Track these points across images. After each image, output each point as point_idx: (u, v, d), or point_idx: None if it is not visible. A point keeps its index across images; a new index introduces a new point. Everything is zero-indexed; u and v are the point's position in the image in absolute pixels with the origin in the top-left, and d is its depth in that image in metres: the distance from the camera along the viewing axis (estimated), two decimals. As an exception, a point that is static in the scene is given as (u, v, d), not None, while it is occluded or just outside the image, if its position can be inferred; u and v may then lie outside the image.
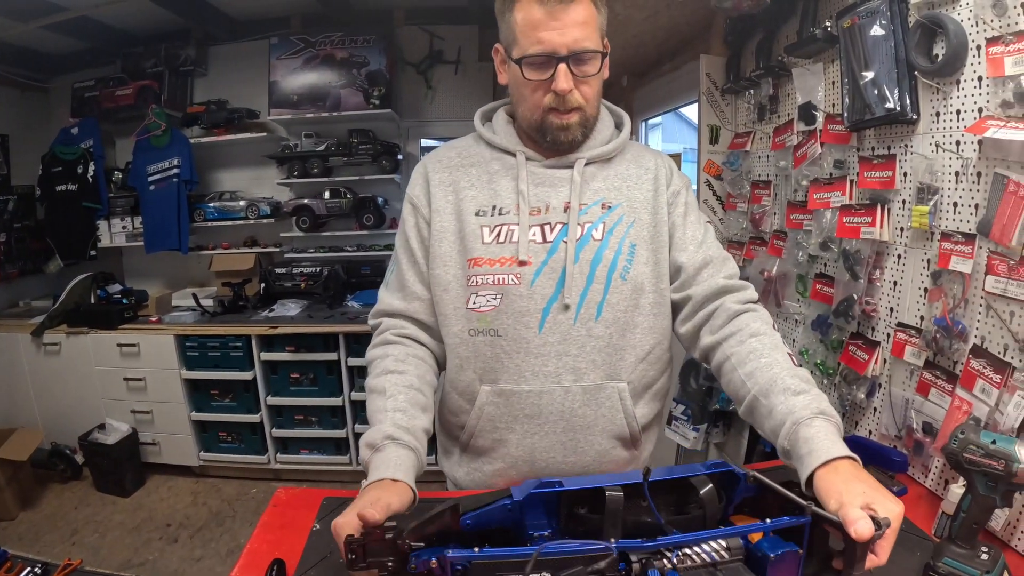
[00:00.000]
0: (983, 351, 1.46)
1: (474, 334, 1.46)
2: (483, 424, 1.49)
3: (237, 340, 4.26)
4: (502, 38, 1.45)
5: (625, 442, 1.52)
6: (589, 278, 1.44)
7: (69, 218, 4.76)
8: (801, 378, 1.27)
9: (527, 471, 1.49)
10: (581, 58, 1.37)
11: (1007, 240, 1.37)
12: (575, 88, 1.39)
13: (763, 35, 2.52)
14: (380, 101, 4.74)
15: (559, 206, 1.47)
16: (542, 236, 1.45)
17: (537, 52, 1.35)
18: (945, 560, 1.12)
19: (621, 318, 1.46)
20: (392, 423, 1.28)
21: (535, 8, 1.33)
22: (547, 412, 1.45)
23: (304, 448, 4.51)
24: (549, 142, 1.47)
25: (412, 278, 1.53)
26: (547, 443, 1.47)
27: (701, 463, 1.18)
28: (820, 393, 1.24)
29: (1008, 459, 1.05)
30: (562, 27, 1.33)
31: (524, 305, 1.43)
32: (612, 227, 1.47)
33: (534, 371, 1.44)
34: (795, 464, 1.15)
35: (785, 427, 1.18)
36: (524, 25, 1.35)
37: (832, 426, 1.16)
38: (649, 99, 4.31)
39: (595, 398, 1.46)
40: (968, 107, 1.52)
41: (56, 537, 3.73)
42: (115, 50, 4.92)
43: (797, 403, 1.20)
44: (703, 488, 1.12)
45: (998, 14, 1.39)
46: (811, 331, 2.22)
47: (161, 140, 4.64)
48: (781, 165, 2.43)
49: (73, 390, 4.40)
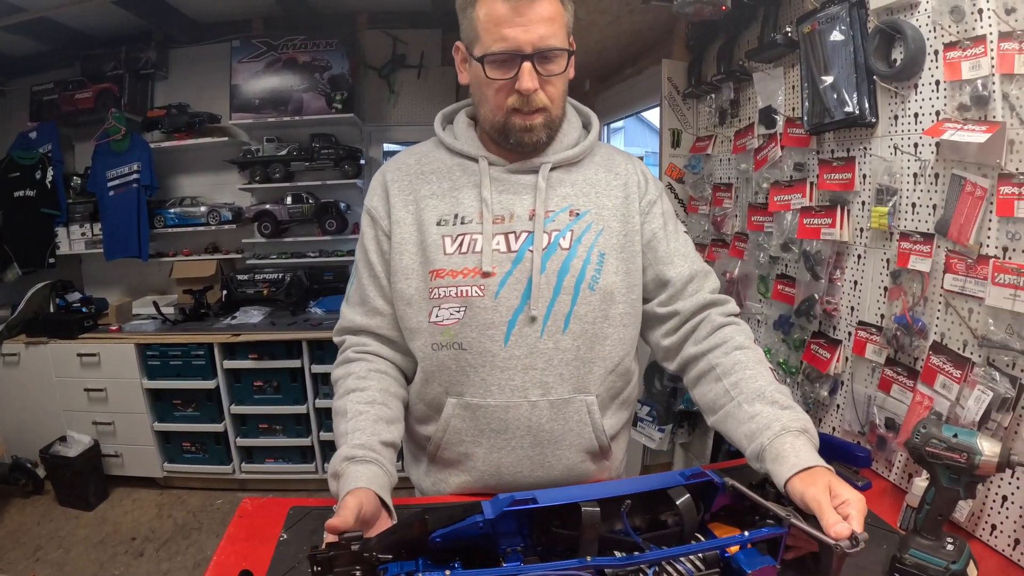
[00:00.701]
0: (943, 347, 1.49)
1: (437, 348, 1.41)
2: (449, 437, 1.45)
3: (199, 348, 4.18)
4: (463, 35, 1.38)
5: (594, 455, 1.47)
6: (556, 289, 1.38)
7: (27, 225, 4.63)
8: (785, 395, 1.29)
9: (494, 485, 1.43)
10: (547, 56, 1.30)
11: (964, 239, 1.41)
12: (540, 88, 1.32)
13: (724, 40, 2.56)
14: (342, 105, 4.71)
15: (524, 214, 1.41)
16: (507, 245, 1.39)
17: (500, 50, 1.29)
18: (911, 552, 1.14)
19: (589, 330, 1.41)
20: (349, 445, 1.26)
21: (499, 4, 1.26)
22: (514, 427, 1.40)
23: (269, 457, 4.44)
24: (512, 144, 1.40)
25: (373, 293, 1.48)
26: (514, 458, 1.43)
27: (679, 471, 1.16)
28: (805, 413, 1.26)
29: (970, 452, 1.08)
30: (527, 23, 1.26)
31: (489, 318, 1.37)
32: (580, 235, 1.41)
33: (500, 385, 1.39)
34: (771, 466, 1.16)
35: (771, 431, 1.20)
36: (487, 21, 1.29)
37: (813, 446, 1.19)
38: (611, 103, 4.34)
39: (563, 412, 1.41)
40: (926, 110, 1.56)
41: (19, 554, 3.63)
42: (74, 52, 4.80)
43: (785, 416, 1.22)
44: (680, 499, 1.10)
45: (955, 20, 1.43)
46: (773, 331, 2.25)
47: (121, 145, 4.55)
48: (742, 168, 2.46)
49: (33, 401, 4.29)
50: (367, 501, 1.12)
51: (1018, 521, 1.29)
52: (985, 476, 1.10)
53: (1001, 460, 1.07)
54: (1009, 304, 1.29)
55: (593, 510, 1.04)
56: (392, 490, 1.25)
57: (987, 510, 1.36)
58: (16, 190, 4.60)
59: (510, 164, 1.44)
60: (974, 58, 1.38)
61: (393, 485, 1.26)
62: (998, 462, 1.07)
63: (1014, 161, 1.32)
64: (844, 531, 0.97)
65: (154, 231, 4.76)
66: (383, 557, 0.97)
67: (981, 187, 1.37)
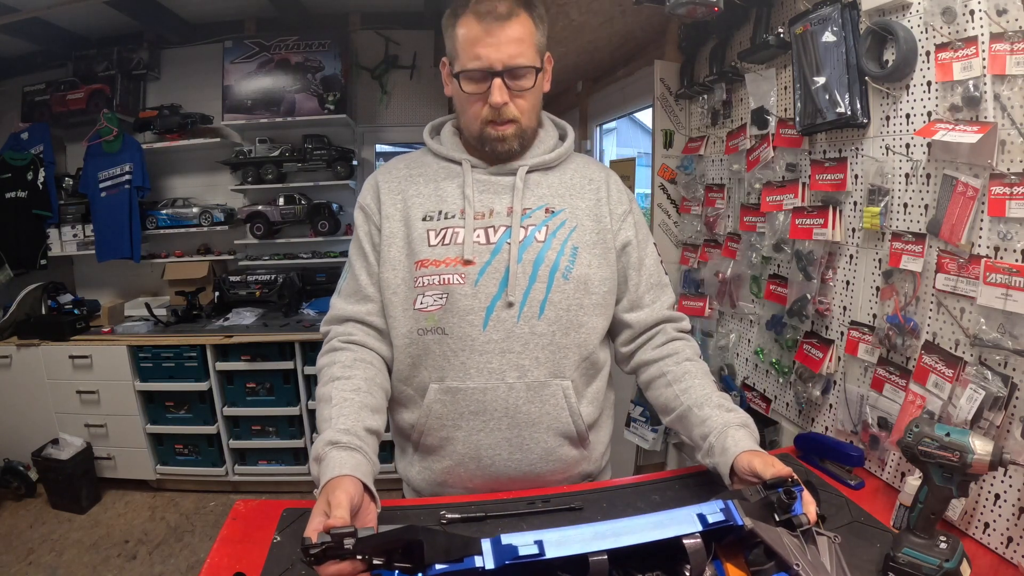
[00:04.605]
0: (935, 347, 1.50)
1: (422, 333, 1.50)
2: (431, 422, 1.51)
3: (192, 350, 4.17)
4: (447, 52, 1.52)
5: (572, 440, 1.55)
6: (532, 277, 1.48)
7: (19, 226, 4.61)
8: (728, 400, 1.47)
9: (474, 468, 1.51)
10: (516, 73, 1.44)
11: (956, 239, 1.41)
12: (510, 101, 1.46)
13: (717, 41, 2.56)
14: (335, 106, 4.70)
15: (503, 211, 1.53)
16: (486, 238, 1.50)
17: (474, 67, 1.43)
18: (905, 551, 1.15)
19: (564, 316, 1.50)
20: (334, 429, 1.32)
21: (474, 25, 1.41)
22: (491, 409, 1.48)
23: (262, 459, 4.43)
24: (488, 151, 1.53)
25: (366, 280, 1.57)
26: (492, 440, 1.49)
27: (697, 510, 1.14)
28: (746, 414, 1.44)
29: (962, 451, 1.08)
30: (498, 44, 1.40)
31: (468, 304, 1.46)
32: (555, 230, 1.52)
33: (479, 368, 1.47)
34: (718, 457, 1.34)
35: (717, 430, 1.37)
36: (463, 41, 1.43)
37: (754, 439, 1.37)
38: (604, 104, 4.35)
39: (539, 395, 1.49)
40: (918, 111, 1.57)
41: (12, 558, 3.62)
42: (66, 53, 4.79)
43: (729, 417, 1.40)
44: (693, 549, 1.08)
45: (947, 21, 1.43)
46: (766, 331, 2.26)
47: (113, 146, 4.53)
48: (734, 169, 2.47)
49: (25, 404, 4.27)
50: (355, 492, 1.17)
51: (1011, 519, 1.30)
52: (978, 475, 1.10)
53: (993, 459, 1.07)
54: (1001, 303, 1.30)
55: (601, 559, 1.03)
56: (374, 478, 1.29)
57: (980, 508, 1.37)
58: (7, 191, 4.58)
59: (491, 167, 1.57)
60: (966, 59, 1.38)
61: (376, 473, 1.30)
62: (990, 461, 1.07)
63: (1005, 161, 1.33)
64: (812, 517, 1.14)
65: (146, 232, 4.75)
66: (376, 563, 0.98)
67: (973, 187, 1.38)
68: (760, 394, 2.37)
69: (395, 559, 1.02)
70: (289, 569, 1.20)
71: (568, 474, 1.57)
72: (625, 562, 1.10)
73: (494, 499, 1.47)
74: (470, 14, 1.42)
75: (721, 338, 2.66)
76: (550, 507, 1.41)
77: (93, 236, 4.68)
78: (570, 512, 1.39)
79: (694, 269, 2.89)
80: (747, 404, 2.42)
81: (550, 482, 1.55)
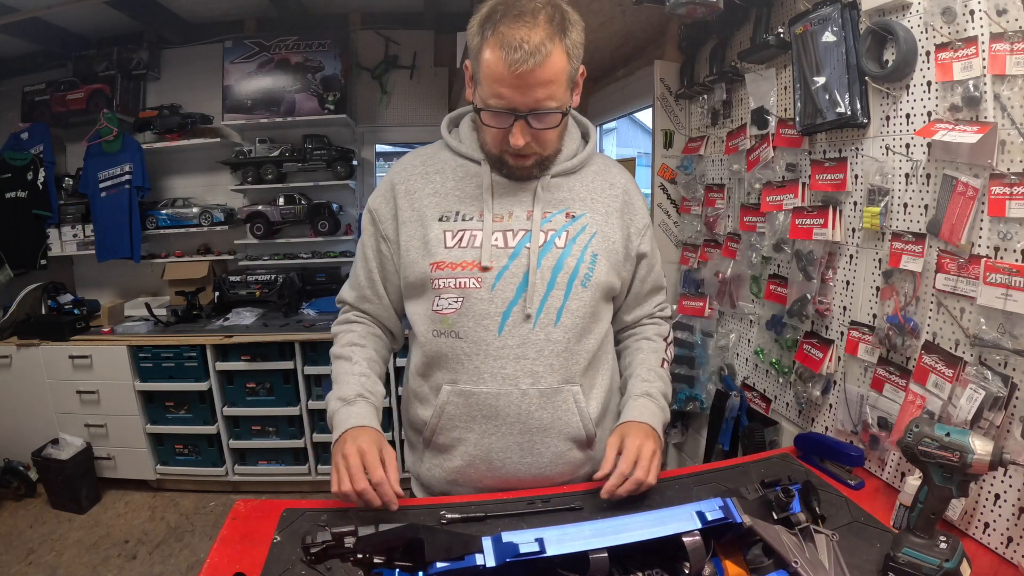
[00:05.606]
0: (935, 347, 1.50)
1: (437, 335, 1.50)
2: (443, 423, 1.52)
3: (192, 350, 4.16)
4: (471, 61, 1.41)
5: (580, 444, 1.55)
6: (550, 284, 1.46)
7: (19, 226, 4.61)
8: (656, 373, 1.63)
9: (484, 470, 1.52)
10: (541, 116, 1.37)
11: (956, 239, 1.41)
12: (532, 139, 1.41)
13: (717, 41, 2.56)
14: (335, 106, 4.69)
15: (522, 214, 1.50)
16: (504, 242, 1.47)
17: (496, 107, 1.36)
18: (905, 550, 1.15)
19: (579, 324, 1.49)
20: (360, 385, 1.51)
21: (500, 60, 1.29)
22: (504, 414, 1.47)
23: (262, 459, 4.43)
24: (506, 173, 1.51)
25: (364, 282, 1.63)
26: (504, 444, 1.49)
27: (695, 508, 1.15)
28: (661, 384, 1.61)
29: (962, 451, 1.08)
30: (524, 88, 1.31)
31: (484, 308, 1.45)
32: (575, 236, 1.50)
33: (492, 373, 1.46)
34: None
35: (628, 398, 1.56)
36: (487, 73, 1.33)
37: (652, 403, 1.55)
38: (604, 104, 4.34)
39: (551, 401, 1.48)
40: (917, 111, 1.57)
41: (12, 558, 3.61)
42: (66, 53, 4.78)
43: (643, 387, 1.58)
44: (693, 547, 1.09)
45: (947, 21, 1.43)
46: (766, 331, 2.26)
47: (113, 146, 4.52)
48: (734, 169, 2.47)
49: (25, 404, 4.27)
50: (379, 442, 1.39)
51: (1011, 519, 1.30)
52: (978, 474, 1.10)
53: (993, 459, 1.07)
54: (1001, 303, 1.30)
55: (602, 557, 1.04)
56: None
57: (980, 508, 1.37)
58: (7, 191, 4.58)
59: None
60: (966, 59, 1.38)
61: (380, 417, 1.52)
62: (990, 460, 1.07)
63: (1005, 161, 1.33)
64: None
65: (146, 232, 4.74)
66: (377, 560, 0.98)
67: (973, 187, 1.38)
68: (760, 394, 2.37)
69: (396, 557, 1.02)
70: (289, 569, 1.20)
71: (574, 475, 1.57)
72: (625, 560, 1.11)
73: (494, 499, 1.47)
74: (497, 43, 1.29)
75: (721, 338, 2.66)
76: (550, 507, 1.41)
77: (93, 236, 4.67)
78: (570, 512, 1.40)
79: (694, 269, 2.89)
80: (747, 404, 2.42)
81: (556, 483, 1.55)
